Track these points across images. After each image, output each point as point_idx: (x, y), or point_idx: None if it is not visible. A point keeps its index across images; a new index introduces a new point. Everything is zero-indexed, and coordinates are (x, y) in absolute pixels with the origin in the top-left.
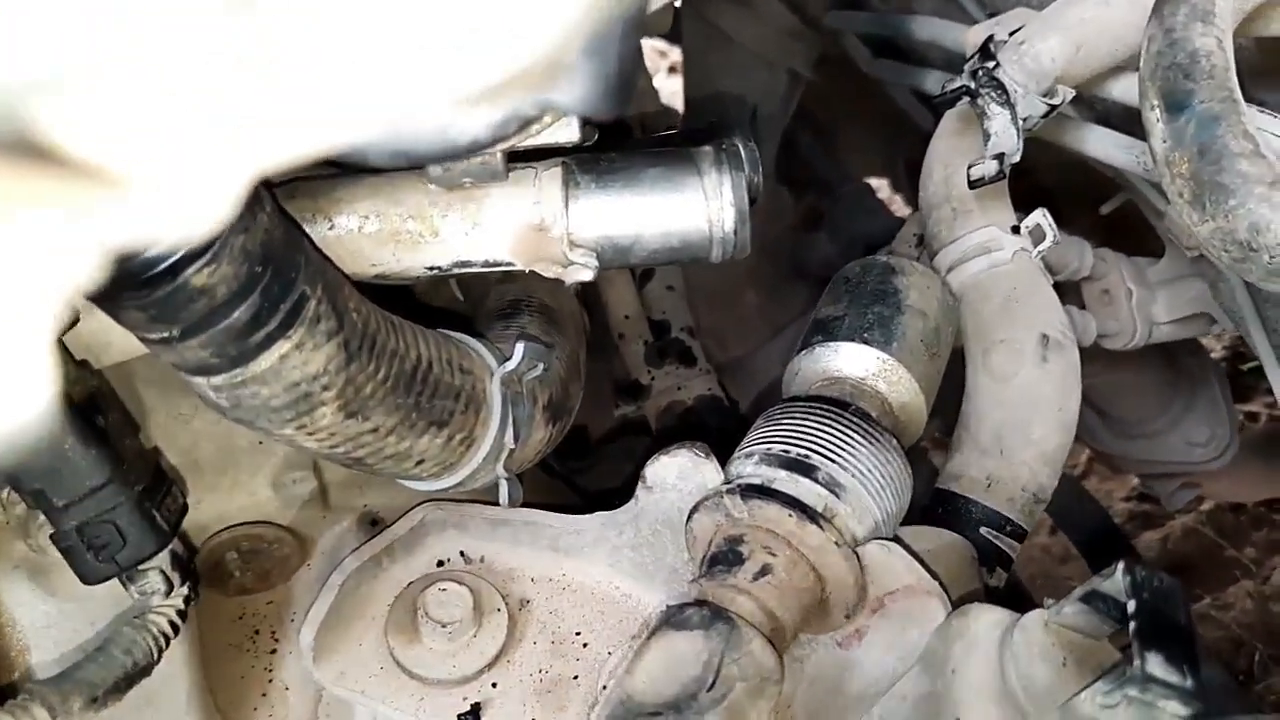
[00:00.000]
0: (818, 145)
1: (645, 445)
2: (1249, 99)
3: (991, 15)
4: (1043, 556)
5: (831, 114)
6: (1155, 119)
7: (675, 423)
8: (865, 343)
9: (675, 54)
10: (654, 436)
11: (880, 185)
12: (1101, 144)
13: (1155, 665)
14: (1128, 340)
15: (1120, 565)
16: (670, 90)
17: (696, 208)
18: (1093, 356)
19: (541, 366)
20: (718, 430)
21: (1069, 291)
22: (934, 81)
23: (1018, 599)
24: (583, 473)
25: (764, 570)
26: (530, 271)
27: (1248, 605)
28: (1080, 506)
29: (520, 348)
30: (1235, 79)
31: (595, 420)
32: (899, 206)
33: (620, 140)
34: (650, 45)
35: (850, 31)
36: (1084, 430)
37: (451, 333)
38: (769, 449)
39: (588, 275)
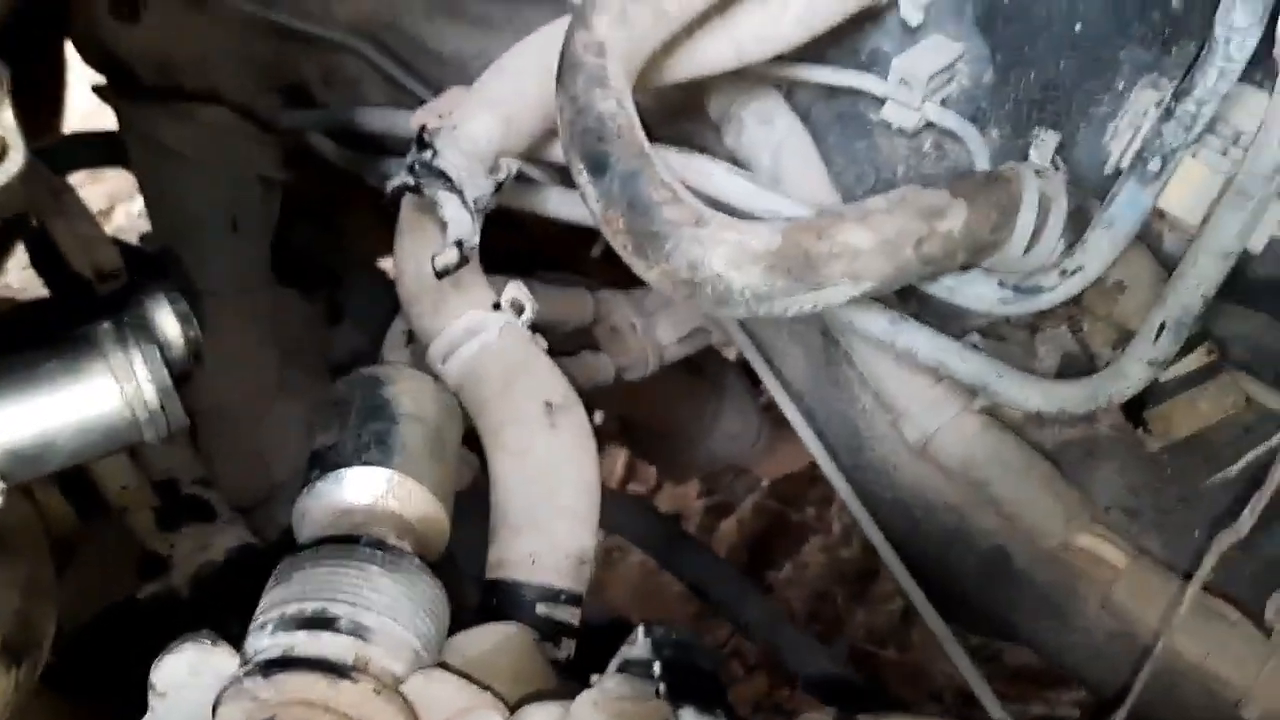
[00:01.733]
0: (319, 239)
1: (185, 621)
2: (668, 140)
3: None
4: (643, 575)
5: (325, 205)
6: (585, 182)
7: (211, 587)
8: (366, 464)
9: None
10: (192, 610)
11: (390, 264)
12: (559, 203)
13: (689, 717)
14: (644, 369)
15: (640, 629)
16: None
17: (109, 394)
18: (623, 390)
19: None
20: (259, 581)
21: (580, 335)
22: (399, 167)
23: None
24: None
25: None
26: None
27: (821, 559)
28: (648, 524)
29: None
30: (641, 133)
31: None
32: None
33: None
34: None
35: (309, 129)
36: (644, 452)
37: None
38: (283, 613)
39: None
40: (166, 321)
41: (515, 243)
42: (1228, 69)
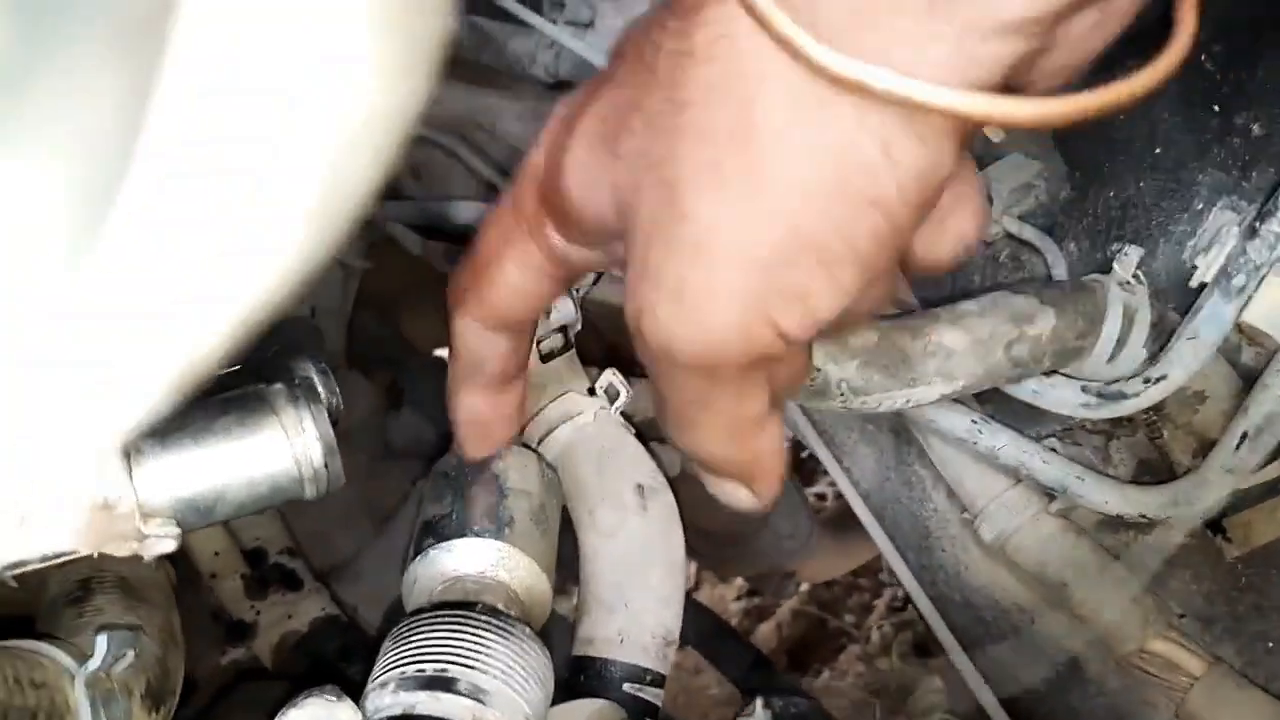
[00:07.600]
0: (384, 326)
1: (268, 688)
2: None
3: None
4: (678, 673)
5: (392, 293)
6: None
7: (293, 655)
8: (477, 535)
9: None
10: (274, 676)
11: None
12: None
13: None
14: None
15: (759, 700)
16: None
17: (280, 449)
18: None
19: (131, 654)
20: (342, 649)
21: (649, 428)
22: None
23: None
24: None
25: None
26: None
27: (859, 668)
28: (697, 619)
29: (102, 641)
30: None
31: (204, 673)
32: None
33: None
34: None
35: (396, 220)
36: (689, 550)
37: (10, 642)
38: (403, 672)
39: (170, 546)
40: (326, 384)
41: (592, 346)
42: None
